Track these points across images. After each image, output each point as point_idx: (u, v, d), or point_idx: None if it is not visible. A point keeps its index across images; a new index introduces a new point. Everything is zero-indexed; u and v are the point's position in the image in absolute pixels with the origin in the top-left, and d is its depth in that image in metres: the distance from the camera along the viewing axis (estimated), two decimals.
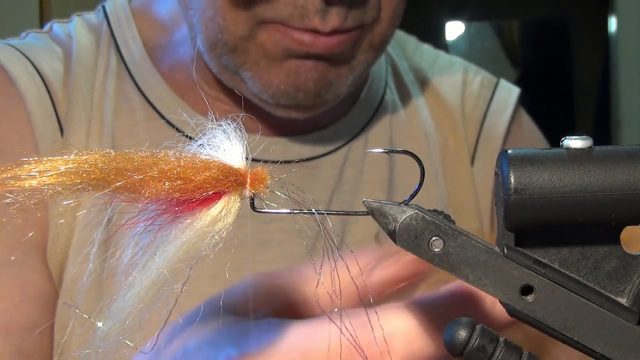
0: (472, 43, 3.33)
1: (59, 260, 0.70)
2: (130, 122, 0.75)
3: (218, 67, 0.70)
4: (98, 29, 0.79)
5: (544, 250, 0.35)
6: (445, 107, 0.86)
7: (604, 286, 0.35)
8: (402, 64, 0.88)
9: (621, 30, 2.55)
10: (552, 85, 3.22)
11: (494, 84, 0.89)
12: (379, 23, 0.70)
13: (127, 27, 0.78)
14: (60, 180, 0.34)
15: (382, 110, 0.83)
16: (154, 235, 0.36)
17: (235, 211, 0.36)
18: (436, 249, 0.35)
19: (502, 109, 0.86)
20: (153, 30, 0.79)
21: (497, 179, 0.35)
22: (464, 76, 0.88)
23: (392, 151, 0.40)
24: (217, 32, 0.66)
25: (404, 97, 0.86)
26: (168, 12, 0.78)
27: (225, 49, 0.67)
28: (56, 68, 0.75)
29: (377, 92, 0.84)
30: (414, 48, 0.91)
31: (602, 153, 0.34)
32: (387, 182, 0.80)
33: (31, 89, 0.73)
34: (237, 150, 0.36)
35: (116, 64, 0.77)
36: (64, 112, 0.73)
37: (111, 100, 0.75)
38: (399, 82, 0.87)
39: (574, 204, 0.34)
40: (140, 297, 0.35)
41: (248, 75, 0.68)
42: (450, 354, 0.36)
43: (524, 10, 3.36)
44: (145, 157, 0.35)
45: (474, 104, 0.87)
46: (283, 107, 0.70)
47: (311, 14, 0.64)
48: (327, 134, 0.79)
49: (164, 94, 0.76)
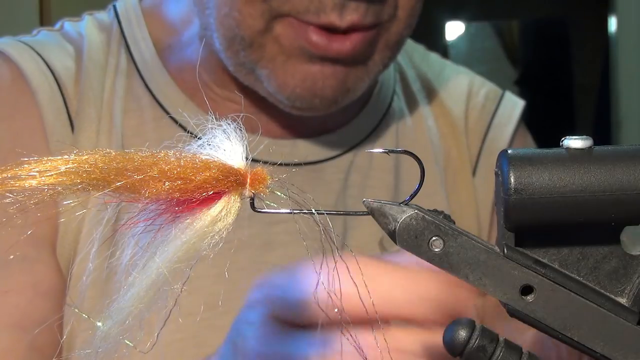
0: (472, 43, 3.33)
1: (68, 255, 0.70)
2: (139, 121, 0.75)
3: (235, 66, 0.71)
4: (109, 28, 0.80)
5: (544, 250, 0.35)
6: (449, 118, 0.86)
7: (604, 286, 0.35)
8: (410, 72, 0.89)
9: (621, 30, 2.55)
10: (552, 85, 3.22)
11: (499, 97, 0.89)
12: (395, 21, 0.70)
13: (137, 26, 0.79)
14: (60, 180, 0.34)
15: (389, 117, 0.84)
16: (154, 235, 0.36)
17: (235, 211, 0.36)
18: (436, 249, 0.35)
19: (506, 122, 0.86)
20: (163, 30, 0.79)
21: (497, 179, 0.35)
22: (469, 88, 0.88)
23: (392, 151, 0.40)
24: (233, 27, 0.67)
25: (411, 105, 0.86)
26: (178, 12, 0.79)
27: (242, 44, 0.67)
28: (68, 65, 0.76)
29: (385, 99, 0.84)
30: (421, 56, 0.91)
31: (602, 153, 0.34)
32: (392, 188, 0.80)
33: (43, 85, 0.73)
34: (237, 150, 0.36)
35: (126, 64, 0.77)
36: (74, 109, 0.74)
37: (121, 99, 0.75)
38: (406, 89, 0.87)
39: (574, 204, 0.34)
40: (140, 297, 0.35)
41: (264, 73, 0.69)
42: (450, 354, 0.36)
43: (524, 10, 3.37)
44: (146, 157, 0.35)
45: (478, 116, 0.87)
46: (298, 108, 0.71)
47: (328, 9, 0.64)
48: (334, 138, 0.80)
49: (173, 94, 0.76)
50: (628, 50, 2.49)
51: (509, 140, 0.86)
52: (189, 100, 0.76)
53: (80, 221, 0.70)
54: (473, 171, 0.85)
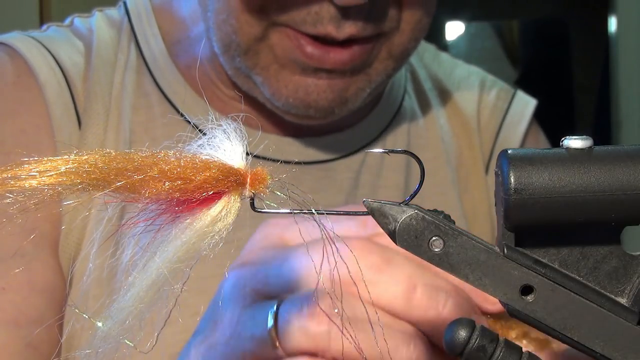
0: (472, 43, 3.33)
1: (71, 253, 0.70)
2: (147, 117, 0.75)
3: (232, 70, 0.71)
4: (119, 25, 0.80)
5: (544, 250, 0.35)
6: (461, 118, 0.86)
7: (604, 286, 0.35)
8: (421, 71, 0.88)
9: (621, 30, 2.55)
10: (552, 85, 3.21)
11: (511, 96, 0.89)
12: (398, 34, 0.68)
13: (147, 23, 0.79)
14: (60, 180, 0.34)
15: (400, 116, 0.83)
16: (154, 235, 0.36)
17: (235, 211, 0.36)
18: (436, 249, 0.35)
19: (518, 121, 0.87)
20: (173, 27, 0.79)
21: (497, 178, 0.35)
22: (481, 87, 0.88)
23: (392, 151, 0.40)
24: (230, 33, 0.66)
25: (423, 104, 0.86)
26: (188, 8, 0.79)
27: (238, 50, 0.67)
28: (76, 61, 0.76)
29: (396, 98, 0.84)
30: (432, 56, 0.91)
31: (602, 153, 0.34)
32: (403, 188, 0.80)
33: (51, 80, 0.73)
34: (237, 149, 0.36)
35: (136, 60, 0.77)
36: (82, 105, 0.74)
37: (129, 95, 0.75)
38: (418, 89, 0.87)
39: (574, 204, 0.34)
40: (140, 297, 0.35)
41: (259, 80, 0.69)
42: (450, 353, 0.36)
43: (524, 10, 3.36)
44: (146, 157, 0.35)
45: (490, 115, 0.87)
46: (294, 116, 0.70)
47: (325, 21, 0.64)
48: (343, 137, 0.79)
49: (182, 91, 0.76)
50: (628, 50, 2.49)
51: (521, 138, 0.86)
52: (198, 98, 0.76)
53: (84, 220, 0.70)
54: (486, 169, 0.85)
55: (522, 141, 0.86)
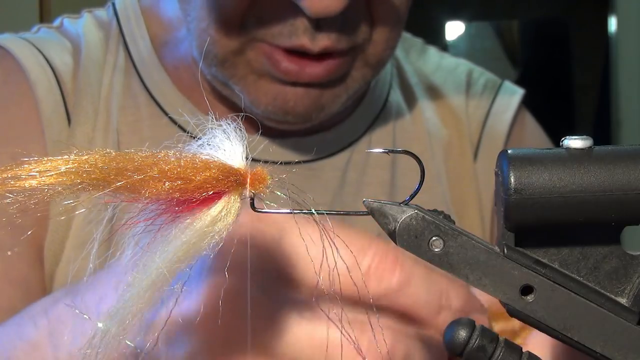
0: (472, 43, 3.33)
1: (55, 251, 0.71)
2: (135, 118, 0.76)
3: (211, 76, 0.72)
4: (107, 26, 0.80)
5: (544, 250, 0.35)
6: (449, 108, 0.87)
7: (604, 286, 0.35)
8: (407, 66, 0.89)
9: (621, 30, 2.55)
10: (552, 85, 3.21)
11: (498, 85, 0.90)
12: (372, 44, 0.69)
13: (136, 25, 0.79)
14: (60, 180, 0.34)
15: (386, 112, 0.83)
16: (154, 235, 0.36)
17: (235, 211, 0.36)
18: (436, 249, 0.35)
19: (504, 110, 0.87)
20: (160, 28, 0.80)
21: (497, 178, 0.35)
22: (468, 77, 0.89)
23: (392, 151, 0.40)
24: (209, 43, 0.67)
25: (408, 98, 0.86)
26: (174, 9, 0.79)
27: (215, 60, 0.68)
28: (66, 61, 0.76)
29: (381, 94, 0.84)
30: (418, 53, 0.91)
31: (602, 153, 0.34)
32: (389, 184, 0.80)
33: (41, 78, 0.74)
34: (237, 150, 0.36)
35: (124, 61, 0.78)
36: (72, 103, 0.75)
37: (118, 96, 0.76)
38: (403, 83, 0.87)
39: (574, 204, 0.34)
40: (140, 297, 0.35)
41: (237, 88, 0.69)
42: (450, 353, 0.36)
43: (524, 10, 3.36)
44: (146, 157, 0.35)
45: (477, 104, 0.87)
46: (273, 121, 0.71)
47: (300, 32, 0.64)
48: (330, 136, 0.80)
49: (169, 93, 0.76)
50: (628, 50, 2.49)
51: (508, 127, 0.86)
52: (185, 99, 0.76)
53: (70, 218, 0.70)
54: (474, 156, 0.86)
55: (509, 129, 0.87)
